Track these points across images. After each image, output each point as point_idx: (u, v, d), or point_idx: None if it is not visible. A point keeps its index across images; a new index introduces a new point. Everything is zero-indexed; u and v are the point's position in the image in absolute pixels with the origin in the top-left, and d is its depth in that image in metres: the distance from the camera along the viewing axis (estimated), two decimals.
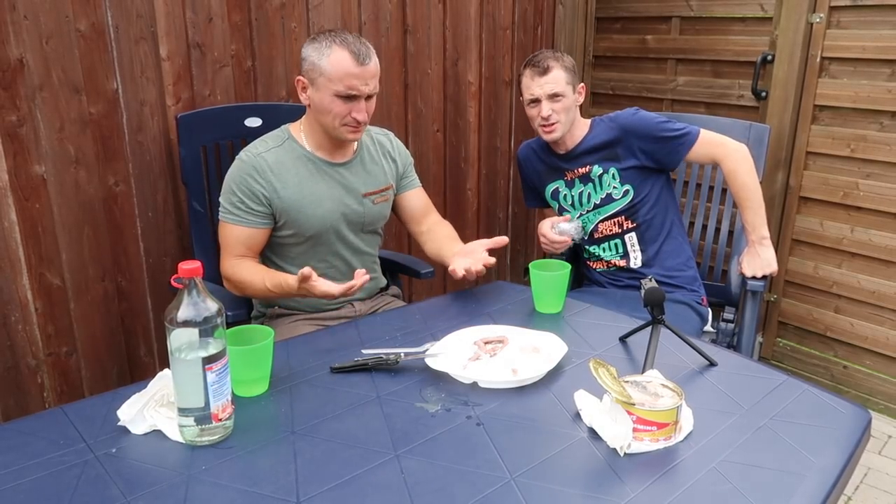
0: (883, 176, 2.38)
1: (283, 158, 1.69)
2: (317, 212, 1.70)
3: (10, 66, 1.68)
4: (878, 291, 2.46)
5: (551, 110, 1.97)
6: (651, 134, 1.98)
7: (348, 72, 1.58)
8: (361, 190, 1.77)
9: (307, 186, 1.70)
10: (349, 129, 1.65)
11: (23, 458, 1.01)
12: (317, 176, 1.72)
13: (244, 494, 0.94)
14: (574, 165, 2.07)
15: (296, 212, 1.69)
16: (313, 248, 1.75)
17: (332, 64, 1.58)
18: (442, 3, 2.60)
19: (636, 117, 2.00)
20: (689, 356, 1.34)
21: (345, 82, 1.59)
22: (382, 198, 1.82)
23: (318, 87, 1.62)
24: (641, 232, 2.04)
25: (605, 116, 2.07)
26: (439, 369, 1.27)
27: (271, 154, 1.68)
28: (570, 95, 1.99)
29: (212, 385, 1.03)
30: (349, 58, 1.58)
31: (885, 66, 2.31)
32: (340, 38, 1.59)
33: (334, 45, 1.58)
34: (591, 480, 0.99)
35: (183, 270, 1.02)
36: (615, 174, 2.01)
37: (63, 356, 1.90)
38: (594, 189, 2.05)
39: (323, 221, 1.71)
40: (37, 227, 1.79)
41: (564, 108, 1.98)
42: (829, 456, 1.04)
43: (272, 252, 1.77)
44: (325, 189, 1.72)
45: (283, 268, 1.76)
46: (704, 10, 2.72)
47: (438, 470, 1.00)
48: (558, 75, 1.96)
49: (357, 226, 1.79)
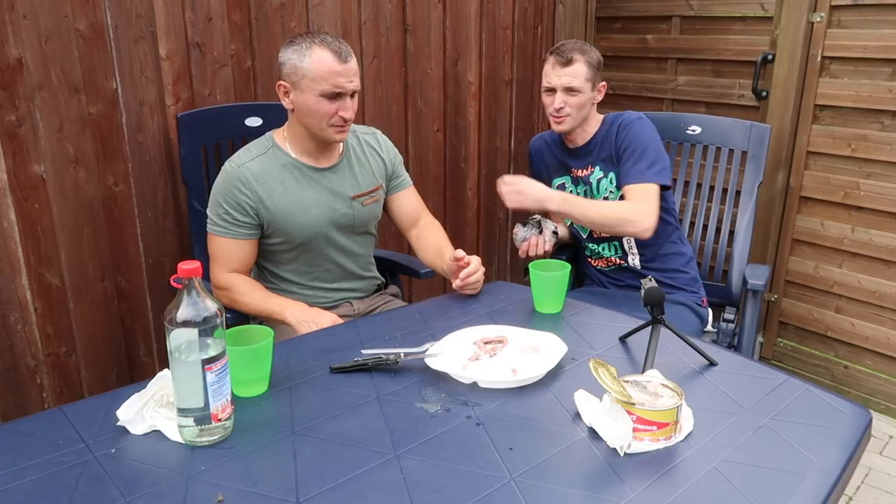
0: (884, 176, 2.37)
1: (269, 167, 1.68)
2: (304, 219, 1.69)
3: (10, 65, 1.67)
4: (878, 291, 2.46)
5: (564, 102, 1.94)
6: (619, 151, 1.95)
7: (332, 70, 1.58)
8: (350, 193, 1.76)
9: (294, 194, 1.69)
10: (336, 130, 1.64)
11: (22, 458, 1.01)
12: (303, 183, 1.70)
13: (244, 495, 0.94)
14: (580, 164, 2.06)
15: (283, 220, 1.68)
16: (304, 254, 1.75)
17: (314, 64, 1.58)
18: (442, 3, 2.60)
19: (632, 125, 1.95)
20: (689, 356, 1.34)
21: (329, 81, 1.58)
22: (372, 199, 1.81)
23: (302, 90, 1.61)
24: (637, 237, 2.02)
25: (612, 114, 2.04)
26: (439, 369, 1.26)
27: (255, 163, 1.67)
28: (587, 92, 1.95)
29: (211, 385, 1.03)
30: (331, 56, 1.57)
31: (885, 65, 2.31)
32: (319, 39, 1.59)
33: (314, 45, 1.58)
34: (591, 480, 0.99)
35: (182, 270, 1.01)
36: (612, 179, 1.99)
37: (62, 356, 1.90)
38: (592, 192, 2.04)
39: (312, 228, 1.71)
40: (36, 228, 1.79)
41: (578, 104, 1.95)
42: (830, 456, 1.04)
43: (264, 259, 1.76)
44: (311, 195, 1.71)
45: (276, 273, 1.77)
46: (705, 9, 2.72)
47: (438, 470, 1.00)
48: (579, 70, 1.93)
49: (348, 229, 1.78)
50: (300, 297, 1.76)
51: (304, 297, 1.76)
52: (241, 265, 1.70)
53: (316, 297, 1.78)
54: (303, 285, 1.78)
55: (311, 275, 1.77)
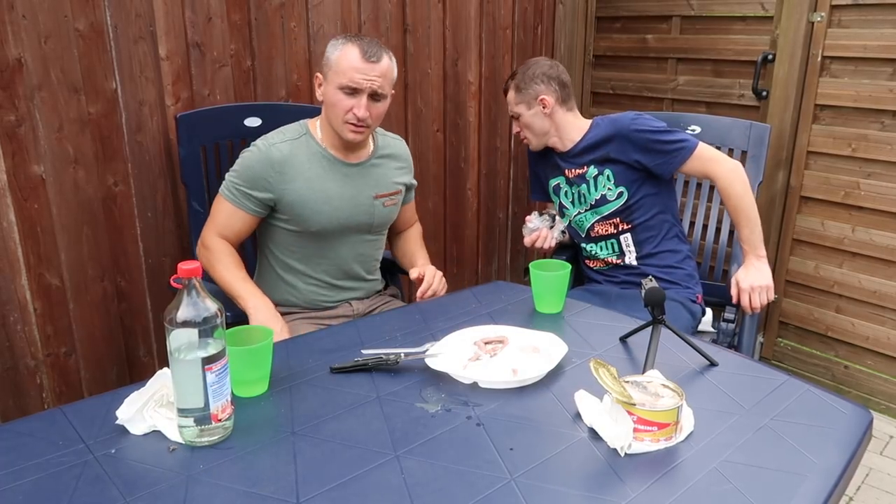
0: (884, 175, 2.37)
1: (298, 152, 1.71)
2: (324, 209, 1.71)
3: (9, 65, 1.67)
4: (879, 291, 2.46)
5: (518, 128, 2.12)
6: (645, 144, 1.95)
7: (352, 65, 1.62)
8: (373, 192, 1.78)
9: (317, 183, 1.70)
10: (350, 128, 1.66)
11: (21, 458, 1.01)
12: (329, 174, 1.72)
13: (244, 495, 0.94)
14: (572, 165, 2.08)
15: (302, 206, 1.69)
16: (315, 244, 1.76)
17: (340, 58, 1.64)
18: (442, 3, 2.60)
19: (634, 123, 1.97)
20: (689, 356, 1.33)
21: (348, 75, 1.62)
22: (392, 201, 1.84)
23: (328, 81, 1.67)
24: (637, 233, 2.03)
25: (606, 117, 2.06)
26: (439, 369, 1.26)
27: (286, 146, 1.70)
28: (525, 113, 2.06)
29: (211, 385, 1.03)
30: (357, 52, 1.62)
31: (886, 65, 2.30)
32: (356, 37, 1.66)
33: (348, 42, 1.64)
34: (591, 481, 0.99)
35: (182, 271, 1.01)
36: (610, 176, 2.01)
37: (62, 357, 1.90)
38: (588, 190, 2.05)
39: (330, 219, 1.72)
40: (36, 228, 1.79)
41: (527, 125, 2.07)
42: (831, 456, 1.03)
43: (275, 244, 1.78)
44: (335, 188, 1.72)
45: (283, 261, 1.78)
46: (705, 9, 2.72)
47: (438, 470, 0.99)
48: (511, 97, 2.08)
49: (365, 227, 1.80)
50: (302, 289, 1.77)
51: (306, 291, 1.77)
52: (234, 235, 1.73)
53: (318, 293, 1.79)
54: (308, 276, 1.78)
55: (320, 266, 1.78)
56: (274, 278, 1.80)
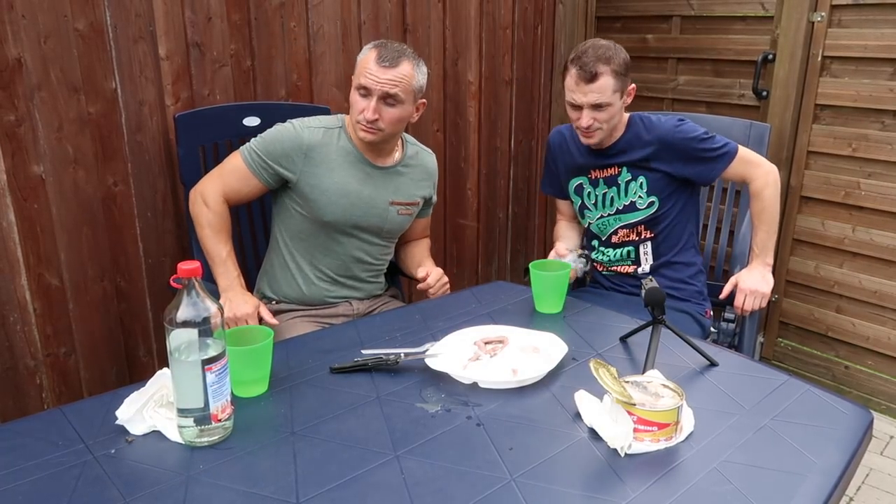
0: (884, 175, 2.37)
1: (329, 142, 1.74)
2: (339, 201, 1.72)
3: (8, 65, 1.67)
4: (879, 291, 2.46)
5: (593, 119, 1.80)
6: (688, 152, 1.87)
7: (366, 66, 1.66)
8: (391, 197, 1.79)
9: (338, 175, 1.73)
10: (360, 127, 1.69)
11: (21, 459, 1.01)
12: (352, 170, 1.74)
13: (244, 495, 0.94)
14: (604, 165, 1.95)
15: (319, 193, 1.71)
16: (324, 235, 1.77)
17: (361, 60, 1.69)
18: (442, 3, 2.60)
19: (677, 131, 1.86)
20: (689, 356, 1.33)
21: (361, 75, 1.67)
22: (407, 210, 1.85)
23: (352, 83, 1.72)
24: (658, 243, 1.96)
25: (644, 116, 1.93)
26: (439, 369, 1.26)
27: (320, 132, 1.74)
28: (616, 103, 1.81)
29: (211, 386, 1.03)
30: (374, 55, 1.66)
31: (886, 64, 2.30)
32: (381, 43, 1.69)
33: (373, 47, 1.69)
34: (591, 481, 0.98)
35: (182, 271, 1.01)
36: (643, 184, 1.91)
37: (62, 357, 1.90)
38: (618, 194, 1.95)
39: (343, 213, 1.74)
40: (35, 228, 1.79)
41: (608, 118, 1.82)
42: (831, 456, 1.03)
43: (287, 228, 1.79)
44: (354, 184, 1.74)
45: (289, 245, 1.80)
46: (705, 9, 2.72)
47: (438, 470, 0.99)
48: (606, 83, 1.77)
49: (375, 230, 1.81)
50: (304, 279, 1.79)
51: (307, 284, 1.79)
52: (236, 196, 1.75)
53: (319, 285, 1.80)
54: (313, 266, 1.79)
55: (326, 258, 1.79)
56: (281, 262, 1.81)
